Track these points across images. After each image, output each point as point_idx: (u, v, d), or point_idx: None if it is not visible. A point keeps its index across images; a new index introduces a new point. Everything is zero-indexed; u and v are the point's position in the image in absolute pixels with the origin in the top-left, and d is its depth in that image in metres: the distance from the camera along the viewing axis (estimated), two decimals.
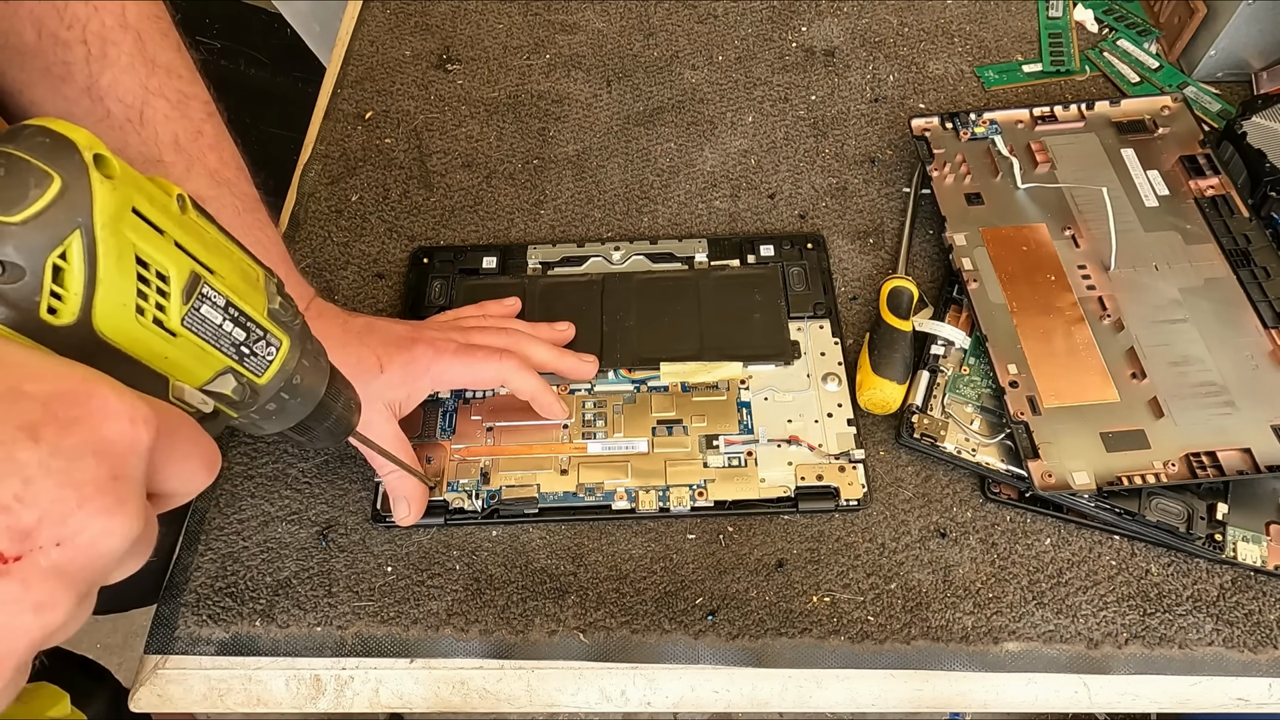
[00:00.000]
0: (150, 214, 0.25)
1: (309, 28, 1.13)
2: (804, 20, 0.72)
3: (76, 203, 0.22)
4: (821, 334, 0.55)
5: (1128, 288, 0.53)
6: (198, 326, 0.26)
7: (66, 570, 0.21)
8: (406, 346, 0.48)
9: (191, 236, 0.26)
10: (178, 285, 0.26)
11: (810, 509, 0.49)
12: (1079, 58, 0.69)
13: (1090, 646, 0.45)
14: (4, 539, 0.20)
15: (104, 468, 0.21)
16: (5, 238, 0.22)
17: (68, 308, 0.23)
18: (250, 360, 0.29)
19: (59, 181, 0.22)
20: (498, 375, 0.48)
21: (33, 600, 0.20)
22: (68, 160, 0.23)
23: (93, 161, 0.23)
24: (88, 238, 0.23)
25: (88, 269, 0.23)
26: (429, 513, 0.49)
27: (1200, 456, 0.46)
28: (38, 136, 0.23)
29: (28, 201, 0.22)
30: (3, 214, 0.22)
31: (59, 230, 0.22)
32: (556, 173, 0.64)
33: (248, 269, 0.29)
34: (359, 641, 0.46)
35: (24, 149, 0.22)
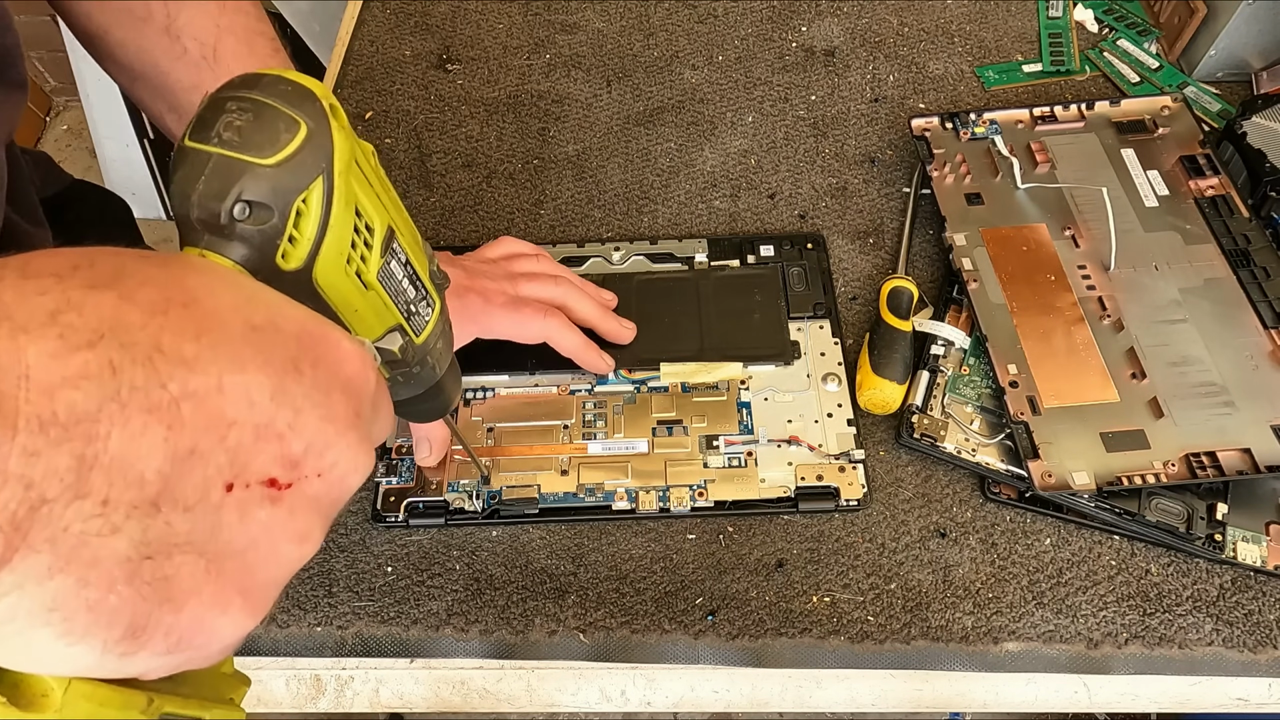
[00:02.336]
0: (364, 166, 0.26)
1: (309, 28, 1.13)
2: (804, 20, 0.72)
3: (321, 148, 0.23)
4: (821, 334, 0.55)
5: (1128, 288, 0.53)
6: (386, 281, 0.27)
7: (323, 502, 0.22)
8: (459, 293, 0.49)
9: (386, 192, 0.27)
10: (379, 238, 0.26)
11: (810, 509, 0.49)
12: (1079, 58, 0.69)
13: (1090, 646, 0.45)
14: (278, 466, 0.20)
15: (350, 404, 0.22)
16: (259, 179, 0.22)
17: (298, 252, 0.24)
18: (414, 319, 0.30)
19: (305, 127, 0.23)
20: (542, 332, 0.50)
21: (296, 529, 0.21)
22: (311, 107, 0.23)
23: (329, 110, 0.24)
24: (328, 183, 0.24)
25: (323, 214, 0.24)
26: (429, 513, 0.49)
27: (1200, 456, 0.46)
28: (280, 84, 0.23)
29: (280, 145, 0.22)
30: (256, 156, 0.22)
31: (307, 174, 0.23)
32: (556, 173, 0.64)
33: (414, 229, 0.30)
34: (359, 641, 0.46)
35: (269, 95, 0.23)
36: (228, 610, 0.20)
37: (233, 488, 0.20)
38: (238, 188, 0.22)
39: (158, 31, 0.43)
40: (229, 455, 0.19)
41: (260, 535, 0.21)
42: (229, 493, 0.20)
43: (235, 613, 0.21)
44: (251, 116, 0.22)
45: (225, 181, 0.22)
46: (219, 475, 0.19)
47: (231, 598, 0.20)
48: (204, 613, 0.20)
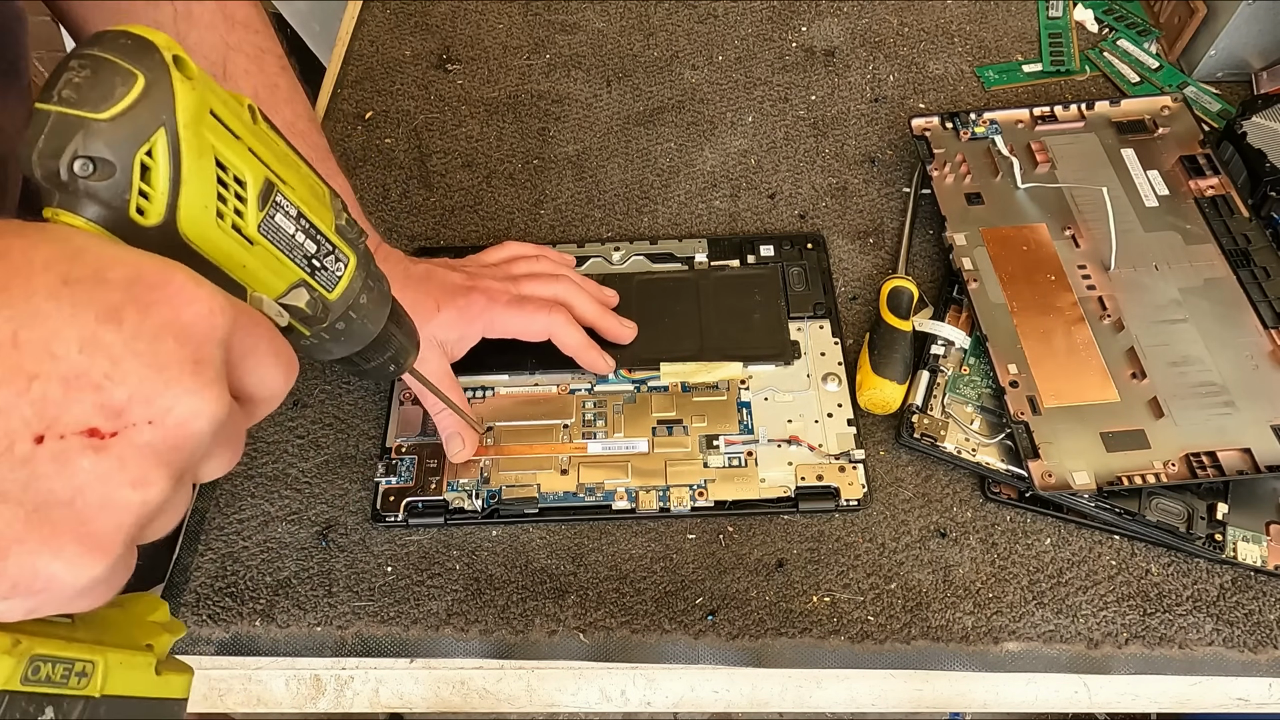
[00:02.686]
0: (226, 118, 0.25)
1: (309, 28, 1.13)
2: (804, 20, 0.72)
3: (160, 100, 0.23)
4: (821, 334, 0.55)
5: (1128, 288, 0.53)
6: (273, 235, 0.27)
7: (160, 448, 0.22)
8: (463, 293, 0.50)
9: (264, 145, 0.27)
10: (254, 191, 0.26)
11: (810, 509, 0.49)
12: (1079, 58, 0.69)
13: (1090, 646, 0.45)
14: (98, 415, 0.21)
15: (186, 350, 0.22)
16: (95, 134, 0.22)
17: (154, 207, 0.24)
18: (321, 275, 0.30)
19: (143, 79, 0.23)
20: (547, 328, 0.51)
21: (130, 476, 0.21)
22: (150, 60, 0.23)
23: (172, 62, 0.24)
24: (171, 136, 0.23)
25: (172, 167, 0.23)
26: (429, 513, 0.49)
27: (1200, 456, 0.46)
28: (120, 39, 0.23)
29: (115, 99, 0.22)
30: (92, 111, 0.22)
31: (145, 126, 0.23)
32: (556, 173, 0.64)
33: (315, 184, 0.30)
34: (359, 641, 0.46)
35: (108, 50, 0.23)
36: (61, 554, 0.21)
37: (44, 439, 0.20)
38: (74, 144, 0.22)
39: None
40: (34, 407, 0.20)
41: (88, 483, 0.21)
42: (39, 444, 0.20)
43: (73, 558, 0.21)
44: (90, 73, 0.23)
45: (62, 139, 0.22)
46: (25, 428, 0.20)
47: (64, 544, 0.21)
48: (33, 559, 0.20)
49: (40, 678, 0.22)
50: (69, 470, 0.21)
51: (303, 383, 0.55)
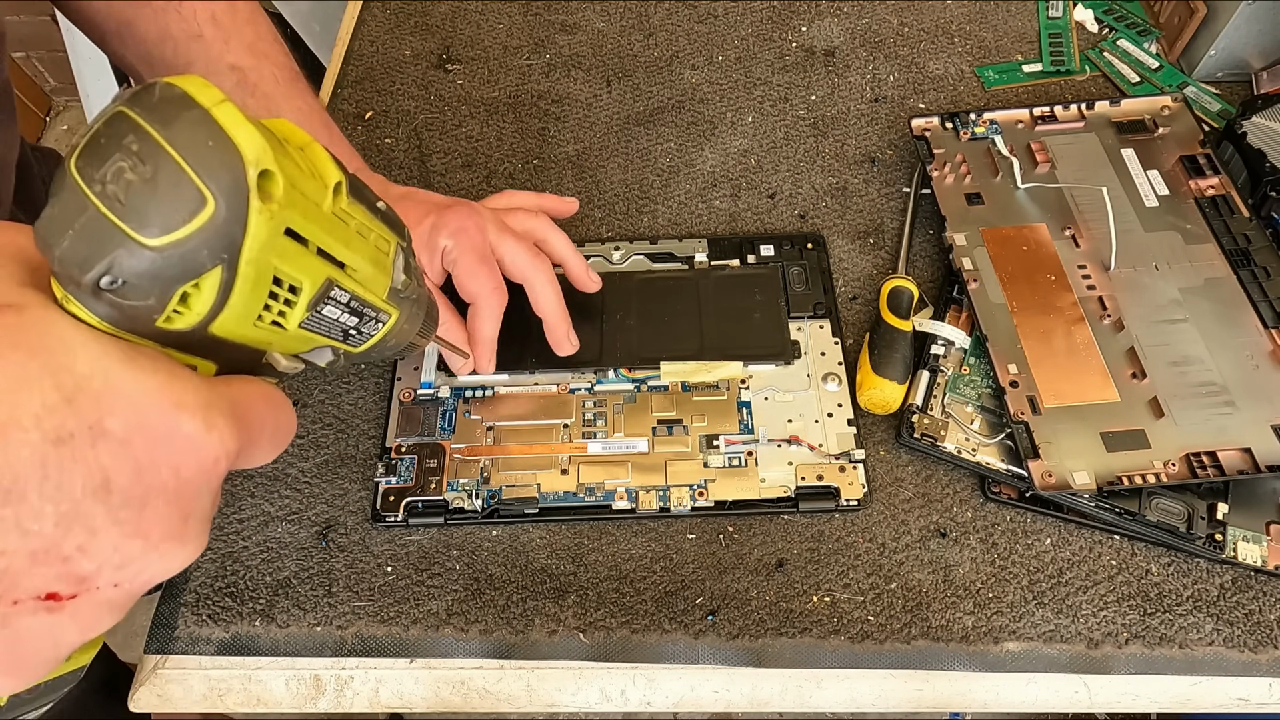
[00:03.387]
0: (302, 229, 0.21)
1: (309, 28, 1.13)
2: (804, 20, 0.72)
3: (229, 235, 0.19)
4: (822, 334, 0.55)
5: (1128, 288, 0.53)
6: (314, 325, 0.24)
7: (117, 602, 0.20)
8: (449, 206, 0.49)
9: (336, 236, 0.23)
10: (308, 296, 0.22)
11: (810, 509, 0.49)
12: (1079, 58, 0.69)
13: (1090, 646, 0.45)
14: (60, 583, 0.19)
15: (175, 510, 0.20)
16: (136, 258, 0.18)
17: (185, 322, 0.20)
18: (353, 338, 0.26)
19: (213, 206, 0.18)
20: (530, 266, 0.49)
21: (78, 627, 0.20)
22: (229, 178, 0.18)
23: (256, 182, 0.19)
24: (229, 272, 0.19)
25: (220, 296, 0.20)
26: (429, 513, 0.49)
27: (1200, 456, 0.46)
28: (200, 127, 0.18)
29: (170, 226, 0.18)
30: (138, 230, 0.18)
31: (199, 263, 0.19)
32: (556, 173, 0.64)
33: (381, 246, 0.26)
34: (359, 641, 0.46)
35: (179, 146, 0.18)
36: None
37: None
38: (107, 261, 0.18)
39: None
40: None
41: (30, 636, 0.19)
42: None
43: None
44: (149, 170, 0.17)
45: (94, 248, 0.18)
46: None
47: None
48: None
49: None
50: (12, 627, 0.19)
51: (303, 383, 0.55)
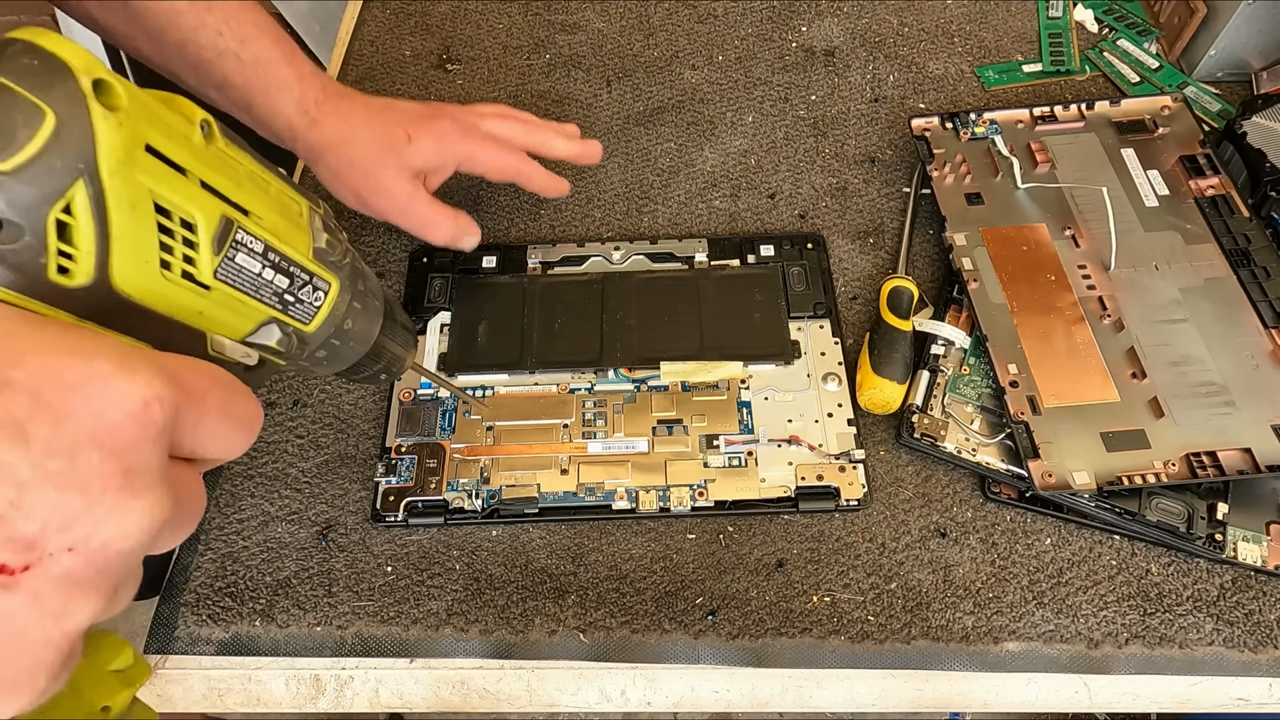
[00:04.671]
0: (168, 150, 0.21)
1: (309, 28, 1.12)
2: (804, 20, 0.72)
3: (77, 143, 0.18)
4: (822, 334, 0.55)
5: (1128, 288, 0.53)
6: (234, 277, 0.23)
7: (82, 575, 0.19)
8: (434, 119, 0.50)
9: (220, 173, 0.22)
10: (207, 233, 0.22)
11: (810, 509, 0.49)
12: (1079, 58, 0.69)
13: (1090, 646, 0.45)
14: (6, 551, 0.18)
15: (112, 461, 0.19)
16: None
17: (80, 267, 0.19)
18: (296, 308, 0.26)
19: (53, 117, 0.18)
20: (518, 166, 0.52)
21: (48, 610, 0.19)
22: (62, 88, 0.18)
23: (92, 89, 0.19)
24: (93, 186, 0.19)
25: (98, 223, 0.19)
26: (429, 513, 0.49)
27: (1200, 456, 0.46)
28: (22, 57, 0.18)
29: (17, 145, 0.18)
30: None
31: (58, 180, 0.18)
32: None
33: (289, 202, 0.26)
34: (359, 641, 0.46)
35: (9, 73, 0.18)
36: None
37: None
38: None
39: None
40: None
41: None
42: None
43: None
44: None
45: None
46: None
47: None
48: None
49: None
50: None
51: (302, 383, 0.55)
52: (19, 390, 0.18)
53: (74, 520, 0.18)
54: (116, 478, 0.19)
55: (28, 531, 0.18)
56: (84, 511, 0.18)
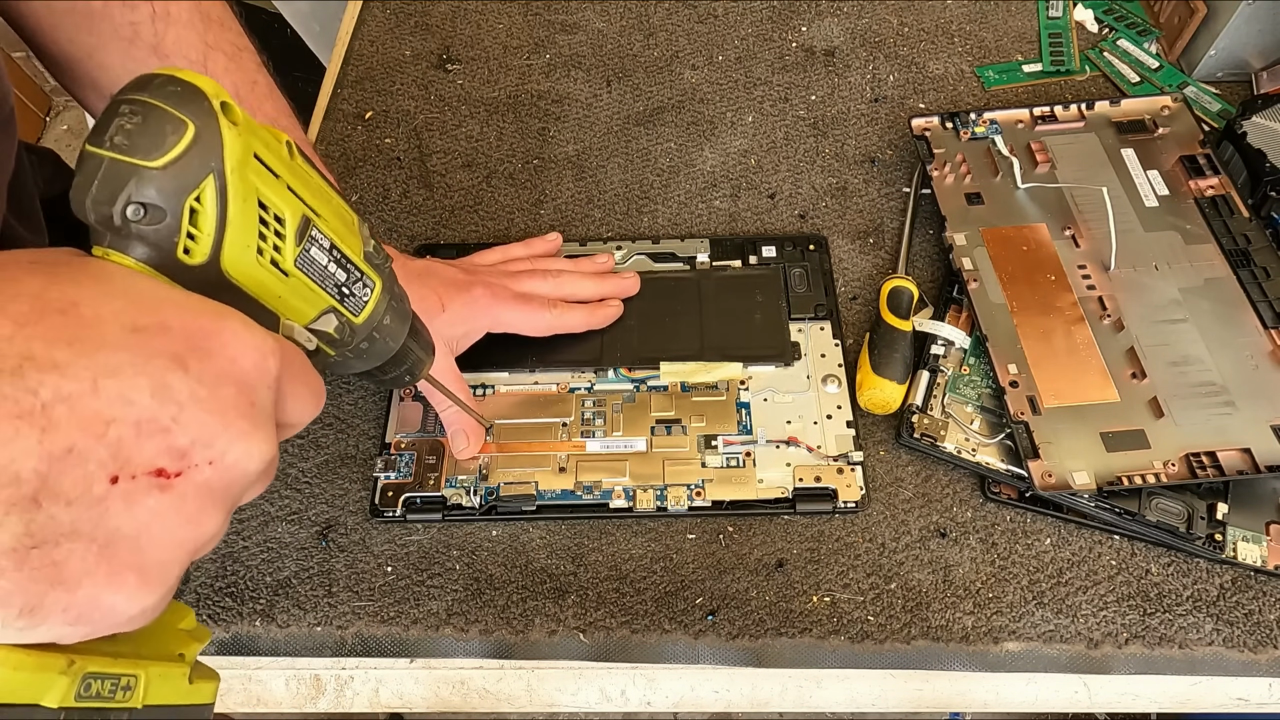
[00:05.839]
0: (268, 159, 0.26)
1: (309, 28, 1.13)
2: (804, 20, 0.72)
3: (209, 148, 0.24)
4: (822, 335, 0.55)
5: (1128, 288, 0.53)
6: (308, 267, 0.28)
7: (215, 487, 0.23)
8: (466, 288, 0.51)
9: (300, 181, 0.28)
10: (292, 227, 0.27)
11: (808, 510, 0.49)
12: (1079, 58, 0.69)
13: (1090, 646, 0.45)
14: (165, 457, 0.22)
15: (242, 396, 0.23)
16: (148, 182, 0.23)
17: (200, 248, 0.24)
18: (349, 300, 0.31)
19: (193, 128, 0.23)
20: (550, 324, 0.53)
21: (188, 514, 0.22)
22: (199, 107, 0.24)
23: (220, 109, 0.24)
24: (219, 181, 0.24)
25: (219, 211, 0.24)
26: (427, 509, 0.49)
27: (1200, 456, 0.46)
28: (169, 85, 0.24)
29: (166, 148, 0.23)
30: (144, 159, 0.23)
31: (195, 175, 0.24)
32: (556, 173, 0.64)
33: (344, 213, 0.31)
34: (359, 641, 0.46)
35: (158, 97, 0.23)
36: (123, 588, 0.22)
37: (118, 480, 0.21)
38: (127, 191, 0.23)
39: (146, 51, 0.43)
40: (110, 450, 0.21)
41: (151, 520, 0.22)
42: (114, 484, 0.21)
43: (132, 590, 0.22)
44: (140, 120, 0.23)
45: (115, 185, 0.23)
46: (101, 470, 0.21)
47: (126, 577, 0.22)
48: (99, 591, 0.21)
49: (91, 694, 0.23)
50: (136, 508, 0.21)
51: None
52: (176, 333, 0.22)
53: (214, 439, 0.22)
54: (245, 411, 0.23)
55: (181, 443, 0.22)
56: (221, 432, 0.23)
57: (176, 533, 0.22)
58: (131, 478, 0.21)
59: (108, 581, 0.21)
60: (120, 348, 0.21)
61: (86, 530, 0.21)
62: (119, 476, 0.21)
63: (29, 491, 0.20)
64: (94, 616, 0.22)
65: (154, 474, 0.22)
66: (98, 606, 0.21)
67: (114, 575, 0.21)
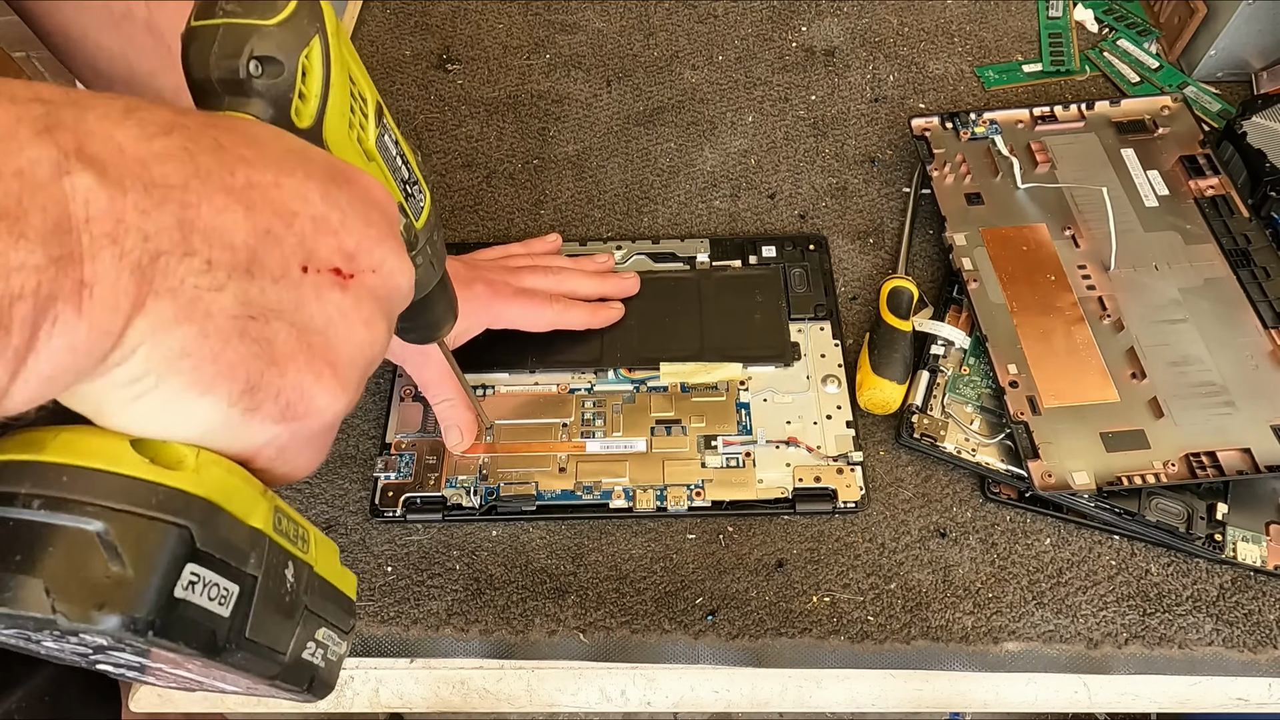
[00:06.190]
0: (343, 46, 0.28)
1: None
2: (804, 20, 0.72)
3: (313, 11, 0.26)
4: (822, 336, 0.55)
5: (1128, 288, 0.53)
6: (384, 152, 0.30)
7: (380, 295, 0.25)
8: (467, 284, 0.50)
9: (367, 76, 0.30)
10: (372, 108, 0.30)
11: (807, 510, 0.49)
12: (1079, 58, 0.69)
13: (1090, 646, 0.45)
14: (338, 257, 0.23)
15: (385, 219, 0.26)
16: (268, 37, 0.25)
17: (308, 109, 0.26)
18: (411, 201, 0.33)
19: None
20: (552, 320, 0.53)
21: (364, 315, 0.24)
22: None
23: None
24: (324, 42, 0.27)
25: (324, 71, 0.27)
26: (428, 509, 0.49)
27: (1200, 456, 0.46)
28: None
29: (277, 9, 0.25)
30: (261, 18, 0.25)
31: (305, 31, 0.26)
32: (556, 173, 0.64)
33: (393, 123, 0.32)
34: (359, 641, 0.46)
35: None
36: (321, 379, 0.23)
37: (307, 269, 0.23)
38: (249, 46, 0.25)
39: (139, 30, 0.43)
40: (297, 239, 0.22)
41: (335, 315, 0.23)
42: (305, 274, 0.22)
43: (328, 383, 0.23)
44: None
45: (237, 43, 0.25)
46: (294, 256, 0.22)
47: (322, 368, 0.23)
48: (302, 378, 0.23)
49: (283, 530, 0.24)
50: (324, 301, 0.23)
51: None
52: (322, 163, 0.24)
53: (374, 248, 0.24)
54: (390, 228, 0.26)
55: (349, 246, 0.24)
56: (378, 244, 0.25)
57: (357, 333, 0.24)
58: (318, 271, 0.23)
59: (309, 368, 0.23)
60: (285, 158, 0.23)
61: (289, 312, 0.22)
62: (308, 266, 0.22)
63: (243, 260, 0.21)
64: (299, 409, 0.23)
65: (333, 271, 0.23)
66: (301, 397, 0.23)
67: (313, 363, 0.23)
